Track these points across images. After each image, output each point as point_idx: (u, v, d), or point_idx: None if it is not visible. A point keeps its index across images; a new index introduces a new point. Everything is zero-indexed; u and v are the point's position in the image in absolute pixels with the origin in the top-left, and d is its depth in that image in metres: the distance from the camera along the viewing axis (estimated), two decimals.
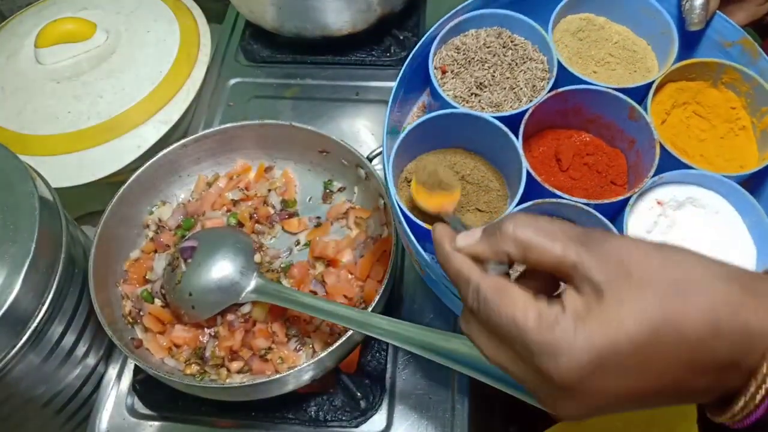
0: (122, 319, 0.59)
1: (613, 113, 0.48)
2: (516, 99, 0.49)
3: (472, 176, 0.50)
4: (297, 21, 0.75)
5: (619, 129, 0.49)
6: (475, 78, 0.50)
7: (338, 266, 0.60)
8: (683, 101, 0.50)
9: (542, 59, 0.50)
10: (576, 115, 0.50)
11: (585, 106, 0.49)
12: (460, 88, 0.50)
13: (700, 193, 0.46)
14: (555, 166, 0.49)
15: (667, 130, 0.48)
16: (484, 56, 0.51)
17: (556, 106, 0.48)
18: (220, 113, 0.77)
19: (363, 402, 0.56)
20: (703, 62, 0.49)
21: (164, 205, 0.65)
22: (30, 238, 0.51)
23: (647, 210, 0.46)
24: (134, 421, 0.58)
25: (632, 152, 0.48)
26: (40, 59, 0.72)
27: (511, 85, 0.50)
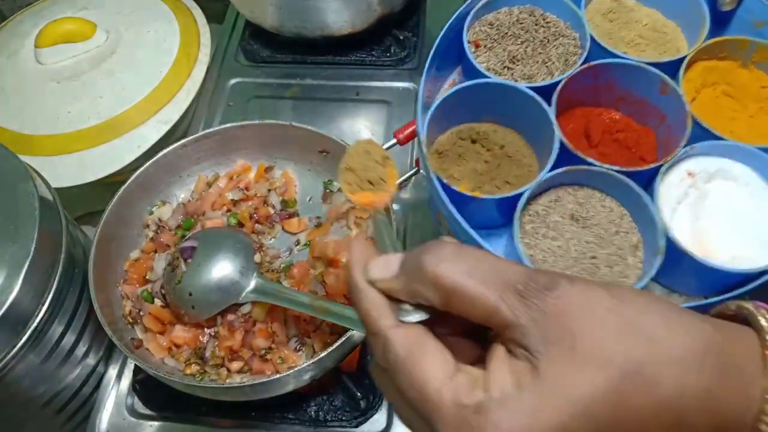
0: (122, 319, 0.59)
1: (645, 89, 0.49)
2: (548, 73, 0.50)
3: (504, 149, 0.50)
4: (297, 21, 0.75)
5: (650, 105, 0.49)
6: (508, 51, 0.51)
7: (338, 266, 0.60)
8: (713, 81, 0.51)
9: (574, 36, 0.51)
10: (607, 92, 0.50)
11: (616, 82, 0.49)
12: (493, 60, 0.51)
13: (730, 165, 0.47)
14: (585, 142, 0.49)
15: (697, 109, 0.49)
16: (517, 31, 0.52)
17: (588, 81, 0.49)
18: (220, 113, 0.77)
19: (363, 402, 0.56)
20: (734, 40, 0.50)
21: (164, 205, 0.65)
22: (30, 238, 0.51)
23: (678, 181, 0.46)
24: (134, 421, 0.58)
25: (663, 128, 0.49)
26: (41, 59, 0.72)
27: (544, 59, 0.50)
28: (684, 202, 0.45)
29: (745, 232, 0.44)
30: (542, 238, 0.45)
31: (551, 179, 0.46)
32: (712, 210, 0.45)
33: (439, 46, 0.51)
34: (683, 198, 0.46)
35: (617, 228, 0.45)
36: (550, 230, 0.45)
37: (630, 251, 0.44)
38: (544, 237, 0.45)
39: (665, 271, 0.45)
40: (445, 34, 0.51)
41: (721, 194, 0.46)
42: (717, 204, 0.45)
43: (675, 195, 0.46)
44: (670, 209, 0.45)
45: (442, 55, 0.52)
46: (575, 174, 0.46)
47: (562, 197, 0.46)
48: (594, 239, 0.45)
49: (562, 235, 0.45)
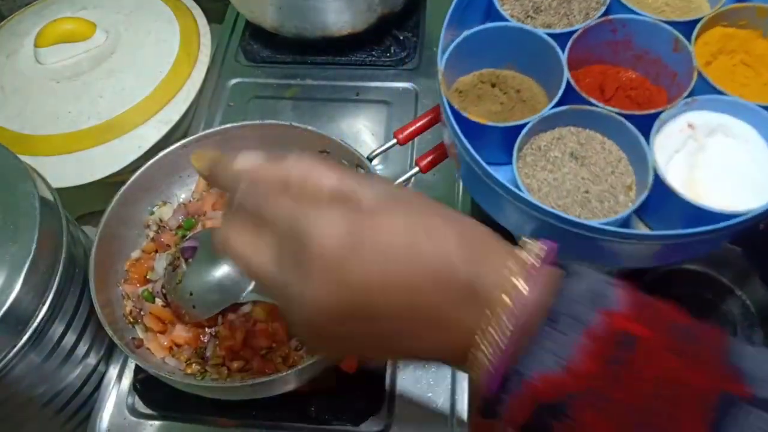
0: (123, 318, 0.59)
1: (659, 47, 0.50)
2: (569, 24, 0.52)
3: (520, 93, 0.52)
4: (297, 21, 0.76)
5: (663, 64, 0.51)
6: (533, 2, 0.54)
7: None
8: (731, 49, 0.51)
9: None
10: (625, 49, 0.52)
11: (633, 38, 0.51)
12: (518, 9, 0.54)
13: (732, 121, 0.48)
14: (599, 96, 0.51)
15: (710, 73, 0.50)
16: None
17: (606, 36, 0.51)
18: (220, 113, 0.77)
19: (363, 402, 0.56)
20: (752, 7, 0.50)
21: (165, 205, 0.65)
22: (30, 238, 0.51)
23: (677, 131, 0.47)
24: (135, 421, 0.58)
25: (674, 86, 0.50)
26: (40, 59, 0.72)
27: (566, 12, 0.53)
28: (682, 151, 0.47)
29: (738, 185, 0.45)
30: (540, 170, 0.48)
31: (556, 116, 0.48)
32: (708, 162, 0.46)
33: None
34: (681, 147, 0.47)
35: (613, 169, 0.48)
36: (549, 163, 0.48)
37: (622, 190, 0.47)
38: (543, 169, 0.48)
39: (652, 210, 0.47)
40: None
41: (719, 148, 0.47)
42: (714, 157, 0.47)
43: (673, 144, 0.47)
44: (667, 156, 0.46)
45: (469, 4, 0.54)
46: (580, 115, 0.48)
47: (565, 136, 0.49)
48: (589, 176, 0.47)
49: (559, 169, 0.48)
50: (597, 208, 0.46)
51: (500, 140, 0.49)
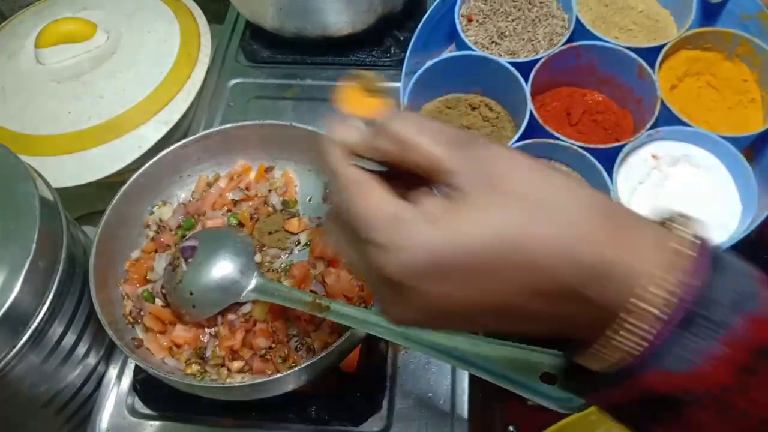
0: (123, 318, 0.59)
1: (624, 73, 0.50)
2: (533, 50, 0.51)
3: (488, 121, 0.52)
4: (297, 21, 0.76)
5: (629, 88, 0.51)
6: (497, 27, 0.53)
7: (338, 266, 0.60)
8: (697, 71, 0.51)
9: (564, 17, 0.53)
10: (590, 73, 0.52)
11: (598, 63, 0.51)
12: (482, 35, 0.53)
13: (695, 151, 0.48)
14: (565, 120, 0.51)
15: (676, 96, 0.49)
16: (509, 9, 0.54)
17: (570, 61, 0.50)
18: (220, 113, 0.77)
19: (363, 402, 0.56)
20: (717, 31, 0.50)
21: (165, 205, 0.65)
22: (30, 238, 0.51)
23: (642, 162, 0.48)
24: (135, 421, 0.58)
25: (639, 112, 0.50)
26: (41, 59, 0.72)
27: (530, 37, 0.52)
28: (646, 182, 0.47)
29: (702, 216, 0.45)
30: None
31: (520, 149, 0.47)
32: (671, 191, 0.46)
33: (431, 17, 0.52)
34: (645, 178, 0.47)
35: None
36: None
37: None
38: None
39: None
40: (437, 7, 0.52)
41: (683, 178, 0.47)
42: (677, 186, 0.47)
43: (637, 174, 0.47)
44: (631, 187, 0.46)
45: (434, 28, 0.53)
46: (545, 148, 0.47)
47: None
48: None
49: None
50: None
51: None
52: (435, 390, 0.57)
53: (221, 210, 0.65)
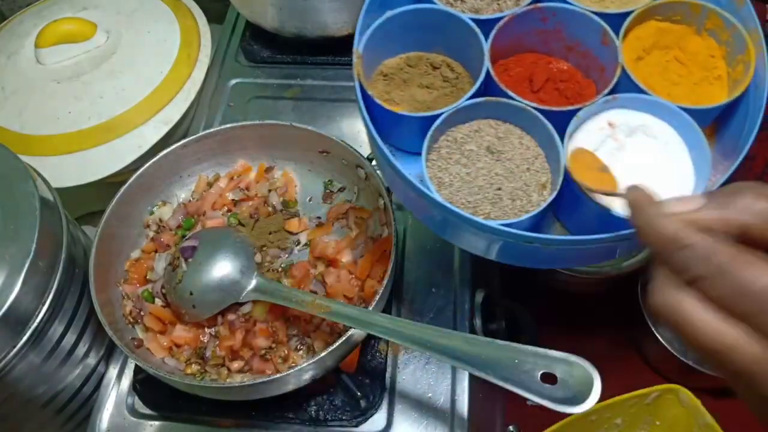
0: (123, 318, 0.59)
1: (589, 39, 0.49)
2: (498, 9, 0.50)
3: (448, 80, 0.50)
4: (297, 21, 0.76)
5: (593, 56, 0.49)
6: None
7: (338, 266, 0.60)
8: (665, 44, 0.50)
9: None
10: (556, 39, 0.50)
11: (564, 29, 0.49)
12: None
13: (653, 121, 0.46)
14: (527, 87, 0.49)
15: (641, 68, 0.48)
16: None
17: (536, 25, 0.49)
18: (220, 114, 0.77)
19: (363, 401, 0.56)
20: (685, 2, 0.49)
21: (165, 205, 0.65)
22: (30, 238, 0.51)
23: (597, 129, 0.46)
24: (135, 421, 0.58)
25: (602, 81, 0.49)
26: (41, 59, 0.72)
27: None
28: (600, 150, 0.45)
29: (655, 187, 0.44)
30: (454, 163, 0.46)
31: (473, 108, 0.46)
32: (626, 162, 0.45)
33: None
34: (600, 146, 0.45)
35: (529, 166, 0.46)
36: (463, 157, 0.46)
37: (536, 189, 0.45)
38: (456, 163, 0.46)
39: (566, 211, 0.46)
40: None
41: (638, 148, 0.46)
42: (632, 157, 0.45)
43: (592, 142, 0.45)
44: None
45: None
46: (500, 108, 0.46)
47: (483, 129, 0.47)
48: (504, 172, 0.46)
49: (474, 164, 0.46)
50: (508, 207, 0.44)
51: (418, 129, 0.47)
52: (435, 390, 0.57)
53: (221, 210, 0.65)
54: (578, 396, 0.38)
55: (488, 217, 0.44)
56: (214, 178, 0.66)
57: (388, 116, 0.47)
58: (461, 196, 0.45)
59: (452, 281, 0.62)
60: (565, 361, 0.39)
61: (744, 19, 0.46)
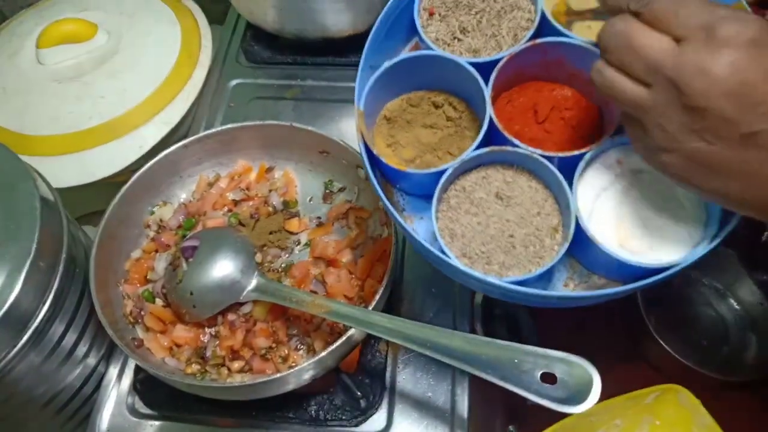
0: (123, 318, 0.59)
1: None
2: (497, 47, 0.49)
3: (452, 120, 0.50)
4: (297, 22, 0.76)
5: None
6: (459, 22, 0.50)
7: (338, 266, 0.60)
8: None
9: (530, 9, 0.50)
10: (558, 68, 0.49)
11: (565, 59, 0.48)
12: (443, 31, 0.50)
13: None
14: (532, 118, 0.49)
15: None
16: (471, 1, 0.51)
17: (537, 57, 0.48)
18: (221, 114, 0.77)
19: (363, 401, 0.56)
20: None
21: (165, 205, 0.65)
22: (31, 238, 0.51)
23: (606, 168, 0.46)
24: (135, 421, 0.58)
25: (608, 110, 0.48)
26: (42, 60, 0.72)
27: (494, 32, 0.49)
28: (609, 189, 0.45)
29: (664, 227, 0.44)
30: (464, 213, 0.46)
31: (480, 157, 0.46)
32: (636, 201, 0.45)
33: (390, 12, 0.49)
34: (609, 186, 0.45)
35: (539, 209, 0.46)
36: (473, 206, 0.46)
37: (548, 233, 0.45)
38: (467, 213, 0.46)
39: (583, 255, 0.46)
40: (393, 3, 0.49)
41: (648, 186, 0.45)
42: (642, 196, 0.45)
43: (600, 182, 0.45)
44: (594, 195, 0.45)
45: (396, 21, 0.50)
46: (506, 154, 0.46)
47: (491, 175, 0.47)
48: (514, 218, 0.45)
49: (484, 212, 0.46)
50: (521, 254, 0.44)
51: (427, 181, 0.47)
52: (435, 390, 0.57)
53: (222, 210, 0.65)
54: (578, 396, 0.38)
55: (502, 267, 0.44)
56: (215, 178, 0.67)
57: (396, 170, 0.47)
58: (474, 246, 0.44)
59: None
60: (564, 361, 0.39)
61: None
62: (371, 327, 0.47)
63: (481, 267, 0.44)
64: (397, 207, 0.50)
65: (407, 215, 0.50)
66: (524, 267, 0.44)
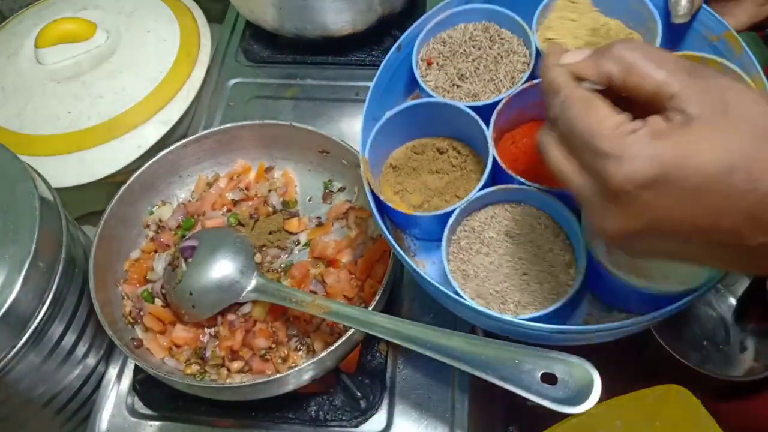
0: (122, 319, 0.59)
1: None
2: (495, 90, 0.49)
3: (457, 165, 0.50)
4: (297, 21, 0.76)
5: None
6: (457, 69, 0.51)
7: (338, 266, 0.60)
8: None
9: (525, 53, 0.50)
10: None
11: None
12: (442, 79, 0.51)
13: None
14: (537, 156, 0.49)
15: None
16: (468, 49, 0.51)
17: (535, 97, 0.48)
18: (220, 113, 0.77)
19: (363, 402, 0.56)
20: (685, 55, 0.49)
21: (164, 205, 0.65)
22: (30, 238, 0.51)
23: None
24: (134, 421, 0.58)
25: None
26: (41, 59, 0.72)
27: (491, 77, 0.50)
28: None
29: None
30: (476, 253, 0.45)
31: (486, 197, 0.46)
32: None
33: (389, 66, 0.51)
34: None
35: (551, 245, 0.45)
36: (484, 246, 0.46)
37: (562, 269, 0.44)
38: (478, 252, 0.45)
39: (600, 288, 0.45)
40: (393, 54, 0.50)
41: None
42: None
43: None
44: None
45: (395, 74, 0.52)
46: (513, 192, 0.46)
47: (499, 214, 0.47)
48: (526, 256, 0.45)
49: (495, 251, 0.45)
50: (537, 291, 0.44)
51: (435, 222, 0.47)
52: (435, 390, 0.57)
53: (221, 210, 0.65)
54: (578, 396, 0.38)
55: (518, 305, 0.43)
56: (214, 178, 0.66)
57: (404, 215, 0.47)
58: (488, 286, 0.44)
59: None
60: (565, 362, 0.39)
61: (745, 66, 0.46)
62: (371, 327, 0.47)
63: (497, 307, 0.43)
64: (409, 253, 0.51)
65: (419, 260, 0.50)
66: (540, 305, 0.43)
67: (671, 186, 0.27)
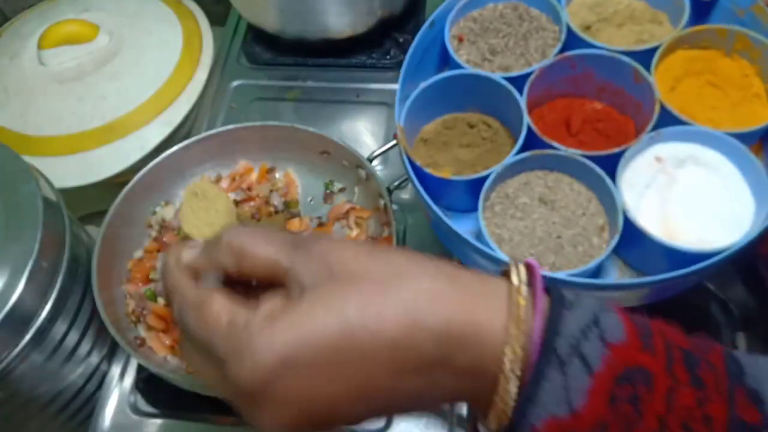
0: (125, 318, 0.59)
1: (621, 78, 0.49)
2: (526, 64, 0.51)
3: (487, 138, 0.51)
4: (298, 24, 0.76)
5: (627, 94, 0.50)
6: (489, 45, 0.52)
7: None
8: (696, 70, 0.50)
9: (554, 29, 0.52)
10: (587, 82, 0.51)
11: (594, 72, 0.50)
12: (474, 54, 0.52)
13: (701, 151, 0.46)
14: (565, 131, 0.50)
15: (676, 98, 0.48)
16: (499, 26, 0.53)
17: (566, 72, 0.50)
18: (222, 115, 0.77)
19: None
20: (712, 29, 0.49)
21: (167, 205, 0.65)
22: (33, 238, 0.52)
23: (646, 166, 0.46)
24: (137, 419, 0.58)
25: (640, 116, 0.49)
26: (43, 61, 0.73)
27: (522, 51, 0.51)
28: (652, 186, 0.45)
29: (713, 216, 0.45)
30: (510, 218, 0.47)
31: (520, 163, 0.47)
32: (680, 194, 0.45)
33: (420, 43, 0.51)
34: (651, 182, 0.46)
35: (584, 210, 0.46)
36: (518, 211, 0.47)
37: (595, 232, 0.45)
38: (512, 217, 0.47)
39: (632, 253, 0.46)
40: (425, 31, 0.52)
41: (691, 179, 0.46)
42: (686, 189, 0.45)
43: (643, 179, 0.46)
44: (638, 193, 0.45)
45: (426, 51, 0.53)
46: (545, 159, 0.47)
47: (532, 181, 0.48)
48: (560, 220, 0.46)
49: (529, 216, 0.46)
50: (571, 254, 0.45)
51: (468, 190, 0.48)
52: None
53: None
54: None
55: (553, 267, 0.44)
56: (216, 178, 0.67)
57: (438, 182, 0.48)
58: (523, 249, 0.45)
59: None
60: None
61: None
62: None
63: None
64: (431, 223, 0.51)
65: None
66: (575, 266, 0.44)
67: (303, 366, 0.25)
